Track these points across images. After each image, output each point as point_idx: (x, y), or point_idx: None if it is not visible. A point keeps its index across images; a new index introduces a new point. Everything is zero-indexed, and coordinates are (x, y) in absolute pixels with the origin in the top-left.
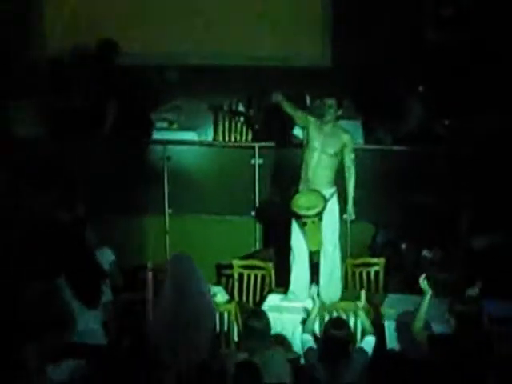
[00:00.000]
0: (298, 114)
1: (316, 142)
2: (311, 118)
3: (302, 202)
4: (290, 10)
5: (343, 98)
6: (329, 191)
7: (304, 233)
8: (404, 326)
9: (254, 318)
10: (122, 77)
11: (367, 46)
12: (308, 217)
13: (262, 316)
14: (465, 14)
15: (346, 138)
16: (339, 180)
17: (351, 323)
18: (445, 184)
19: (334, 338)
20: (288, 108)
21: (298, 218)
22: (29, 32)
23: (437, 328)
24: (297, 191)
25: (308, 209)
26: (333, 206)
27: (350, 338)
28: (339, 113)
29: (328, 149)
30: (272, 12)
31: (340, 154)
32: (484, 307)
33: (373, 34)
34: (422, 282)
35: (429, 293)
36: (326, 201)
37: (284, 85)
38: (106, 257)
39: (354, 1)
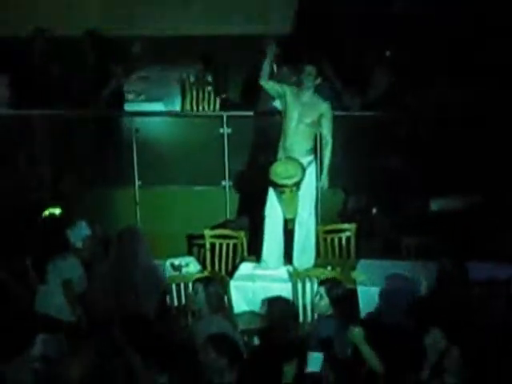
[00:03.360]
0: (272, 86)
1: (294, 112)
2: (287, 88)
3: (280, 171)
4: None
5: (308, 65)
6: (307, 159)
7: (281, 201)
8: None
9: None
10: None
11: (333, 12)
12: (286, 186)
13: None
14: None
15: (323, 107)
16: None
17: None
18: (412, 149)
19: None
20: (262, 82)
21: (277, 186)
22: None
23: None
24: (275, 160)
25: (286, 178)
26: (311, 174)
27: None
28: (318, 81)
29: (305, 118)
30: None
31: (318, 123)
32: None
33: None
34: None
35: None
36: (304, 170)
37: (250, 54)
38: (81, 231)
39: None
